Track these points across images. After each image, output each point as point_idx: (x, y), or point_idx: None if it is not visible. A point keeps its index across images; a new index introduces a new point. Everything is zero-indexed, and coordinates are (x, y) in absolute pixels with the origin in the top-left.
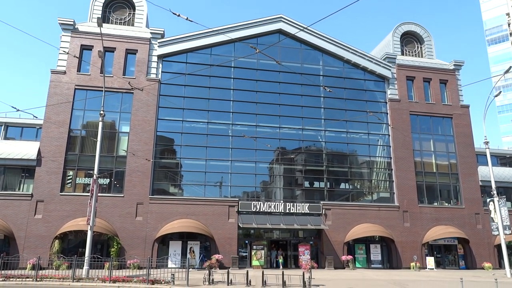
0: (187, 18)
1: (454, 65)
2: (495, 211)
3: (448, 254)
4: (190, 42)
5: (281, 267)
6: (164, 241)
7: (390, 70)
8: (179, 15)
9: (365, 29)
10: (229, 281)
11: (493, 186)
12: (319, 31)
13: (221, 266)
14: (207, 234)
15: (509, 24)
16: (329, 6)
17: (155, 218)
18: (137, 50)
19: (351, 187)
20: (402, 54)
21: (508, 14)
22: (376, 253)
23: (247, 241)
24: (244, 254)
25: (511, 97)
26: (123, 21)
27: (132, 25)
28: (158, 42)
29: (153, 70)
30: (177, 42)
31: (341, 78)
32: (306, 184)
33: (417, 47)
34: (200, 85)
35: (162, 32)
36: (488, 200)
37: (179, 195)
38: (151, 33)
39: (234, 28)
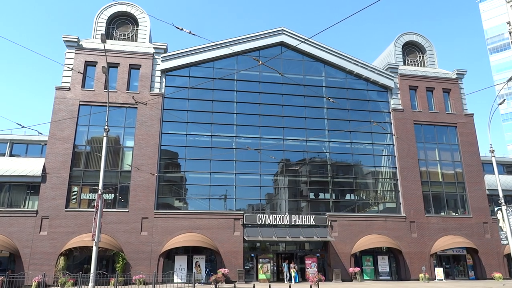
0: (190, 31)
1: (456, 74)
2: (503, 220)
3: (457, 265)
4: (193, 56)
5: (293, 281)
6: (169, 256)
7: (392, 80)
8: (182, 29)
9: (367, 39)
10: None
11: (501, 194)
12: (321, 42)
13: (227, 280)
14: (212, 248)
15: (510, 33)
16: (330, 17)
17: (160, 232)
18: (140, 65)
19: (356, 198)
20: (404, 64)
21: (509, 23)
22: (383, 264)
23: (253, 254)
24: (251, 267)
25: None
26: (126, 36)
27: (136, 40)
28: (161, 57)
29: (157, 85)
30: (180, 57)
31: (343, 89)
32: (311, 195)
33: (419, 56)
34: (203, 99)
35: (165, 46)
36: (496, 209)
37: (184, 209)
38: (154, 48)
39: (236, 41)
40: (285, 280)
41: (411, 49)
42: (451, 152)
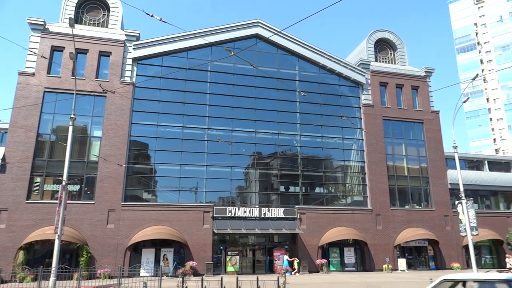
0: (160, 19)
1: (425, 71)
2: (463, 213)
3: (419, 256)
4: (166, 45)
5: (298, 273)
6: (136, 249)
7: (364, 76)
8: (152, 16)
9: (341, 35)
10: None
11: (461, 188)
12: (296, 36)
13: (195, 273)
14: (181, 241)
15: (476, 34)
16: (307, 12)
17: (127, 225)
18: (111, 52)
19: (325, 191)
20: (376, 60)
21: (476, 24)
22: (350, 256)
23: (222, 247)
24: (219, 260)
25: (478, 103)
26: (96, 22)
27: (106, 26)
28: (133, 45)
29: (128, 73)
30: (152, 45)
31: (316, 83)
32: (282, 188)
33: (390, 53)
34: (175, 89)
35: (138, 34)
36: (456, 202)
37: (153, 201)
38: (126, 35)
39: (211, 32)
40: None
41: (383, 46)
42: (417, 147)
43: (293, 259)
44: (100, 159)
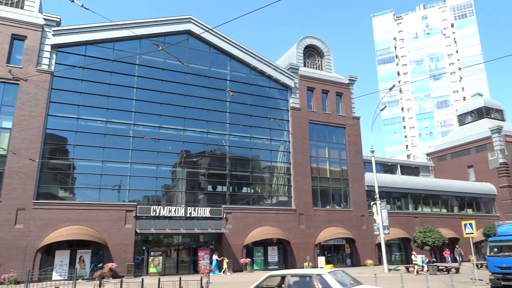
0: (82, 5)
1: (349, 79)
2: (377, 213)
3: (337, 253)
4: (90, 33)
5: (228, 273)
6: (49, 251)
7: (293, 80)
8: (73, 1)
9: (272, 39)
10: None
11: (376, 190)
12: (229, 36)
13: (115, 275)
14: (100, 242)
15: (395, 48)
16: (240, 14)
17: (39, 225)
18: (26, 36)
19: (252, 191)
20: (305, 65)
21: (395, 39)
22: (273, 255)
23: (144, 248)
24: (141, 261)
25: (395, 112)
26: (10, 2)
27: (22, 8)
28: (53, 30)
29: (45, 61)
30: (75, 32)
31: (247, 84)
32: (209, 188)
33: (318, 60)
34: (99, 81)
35: (58, 19)
36: (371, 203)
37: (70, 199)
38: (44, 19)
39: (140, 24)
40: (217, 273)
41: (312, 53)
42: (339, 151)
43: (222, 258)
44: (9, 152)
